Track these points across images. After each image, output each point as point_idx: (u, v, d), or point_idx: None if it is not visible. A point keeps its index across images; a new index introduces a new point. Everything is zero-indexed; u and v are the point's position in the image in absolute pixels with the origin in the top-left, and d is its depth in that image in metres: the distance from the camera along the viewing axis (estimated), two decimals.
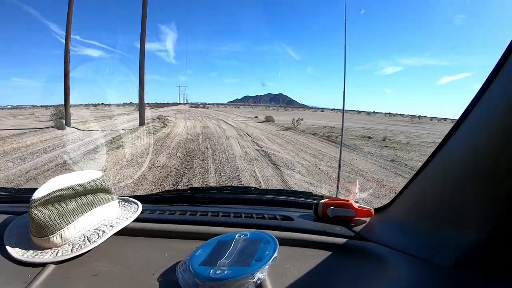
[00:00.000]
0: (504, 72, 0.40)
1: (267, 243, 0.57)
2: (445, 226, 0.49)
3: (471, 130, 0.45)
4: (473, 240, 0.44)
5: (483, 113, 0.43)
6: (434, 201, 0.52)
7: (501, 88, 0.40)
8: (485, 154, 0.42)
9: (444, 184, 0.50)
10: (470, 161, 0.44)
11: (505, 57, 0.40)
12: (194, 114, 29.61)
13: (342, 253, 0.60)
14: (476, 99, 0.44)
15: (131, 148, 7.72)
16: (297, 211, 0.80)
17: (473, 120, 0.45)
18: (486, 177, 0.42)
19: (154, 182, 4.74)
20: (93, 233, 0.66)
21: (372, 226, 0.68)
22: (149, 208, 0.82)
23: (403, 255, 0.53)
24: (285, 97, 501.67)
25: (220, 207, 0.86)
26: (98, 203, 0.71)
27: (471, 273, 0.44)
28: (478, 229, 0.44)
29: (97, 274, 0.56)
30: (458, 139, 0.47)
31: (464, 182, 0.45)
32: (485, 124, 0.42)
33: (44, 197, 0.64)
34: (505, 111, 0.39)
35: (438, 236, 0.49)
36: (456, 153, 0.47)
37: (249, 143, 9.47)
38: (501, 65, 0.40)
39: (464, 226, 0.45)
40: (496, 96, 0.41)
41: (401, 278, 0.48)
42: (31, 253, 0.62)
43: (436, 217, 0.51)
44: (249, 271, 0.49)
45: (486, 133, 0.42)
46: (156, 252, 0.63)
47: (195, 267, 0.52)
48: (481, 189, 0.43)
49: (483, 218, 0.43)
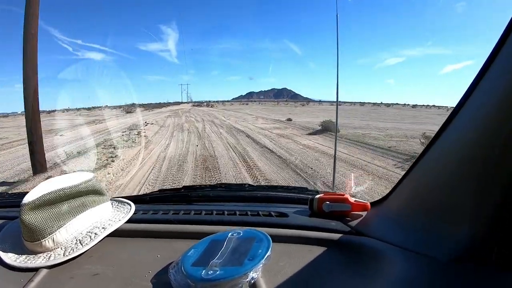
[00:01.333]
0: (494, 67, 0.40)
1: (260, 241, 0.56)
2: (441, 220, 0.48)
3: (465, 124, 0.45)
4: (469, 234, 0.44)
5: (476, 106, 0.43)
6: (430, 195, 0.52)
7: (492, 82, 0.40)
8: (480, 148, 0.41)
9: (440, 177, 0.49)
10: (465, 155, 0.44)
11: (495, 52, 0.39)
12: (194, 117, 21.83)
13: (338, 249, 0.60)
14: (469, 93, 0.43)
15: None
16: (292, 207, 0.80)
17: (467, 114, 0.44)
18: (481, 171, 0.42)
19: None
20: (86, 236, 0.66)
21: (368, 220, 0.67)
22: (142, 209, 0.81)
23: (400, 250, 0.52)
24: (289, 91, 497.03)
25: (214, 205, 0.86)
26: (90, 205, 0.71)
27: (468, 267, 0.43)
28: (474, 223, 0.43)
29: (90, 277, 0.56)
30: (452, 133, 0.47)
31: (459, 175, 0.45)
32: (478, 118, 0.42)
33: (35, 200, 0.63)
34: (497, 104, 0.39)
35: (435, 230, 0.49)
36: (451, 146, 0.47)
37: None
38: (491, 60, 0.40)
39: (460, 220, 0.45)
40: (488, 90, 0.41)
41: (398, 273, 0.47)
42: (24, 258, 0.61)
43: (432, 211, 0.51)
44: (242, 271, 0.48)
45: (479, 126, 0.42)
46: (149, 253, 0.62)
47: (187, 267, 0.51)
48: (477, 183, 0.42)
49: (479, 212, 0.43)
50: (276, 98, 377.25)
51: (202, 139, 9.94)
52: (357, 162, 6.27)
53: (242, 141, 9.43)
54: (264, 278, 0.51)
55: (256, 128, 13.50)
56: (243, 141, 9.32)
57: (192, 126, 14.48)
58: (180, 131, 12.25)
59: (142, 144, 8.77)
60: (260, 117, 22.04)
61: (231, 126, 14.50)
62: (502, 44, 0.39)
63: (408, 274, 0.47)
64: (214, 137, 10.24)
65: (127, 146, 8.40)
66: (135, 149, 7.89)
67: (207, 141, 9.32)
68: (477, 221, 0.43)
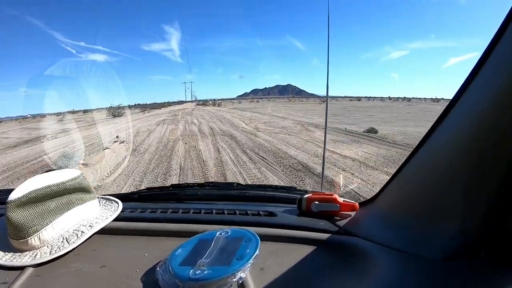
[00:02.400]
0: (489, 64, 0.39)
1: (249, 240, 0.56)
2: (432, 219, 0.48)
3: (456, 121, 0.44)
4: (460, 233, 0.44)
5: (471, 102, 0.42)
6: (420, 194, 0.51)
7: (486, 78, 0.40)
8: (471, 146, 0.41)
9: (430, 176, 0.49)
10: (455, 153, 0.44)
11: (490, 49, 0.39)
12: (197, 123, 14.63)
13: (327, 248, 0.60)
14: (462, 90, 0.43)
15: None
16: (281, 207, 0.80)
17: (458, 111, 0.44)
18: (472, 169, 0.41)
19: None
20: (72, 234, 0.65)
21: (357, 220, 0.67)
22: (130, 207, 0.80)
23: (389, 250, 0.52)
24: (293, 87, 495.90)
25: (203, 203, 0.85)
26: (77, 203, 0.70)
27: (459, 266, 0.43)
28: (465, 222, 0.43)
29: (76, 275, 0.55)
30: (443, 131, 0.47)
31: (450, 174, 0.45)
32: (470, 115, 0.42)
33: (21, 197, 0.62)
34: (490, 101, 0.38)
35: (425, 229, 0.49)
36: (441, 145, 0.47)
37: None
38: (486, 57, 0.40)
39: (451, 219, 0.45)
40: (481, 87, 0.40)
41: (387, 273, 0.47)
42: (10, 256, 0.61)
43: (422, 210, 0.50)
44: (230, 271, 0.48)
45: (471, 124, 0.41)
46: (137, 252, 0.62)
47: (175, 267, 0.51)
48: (467, 182, 0.42)
49: (470, 210, 0.43)
50: (281, 94, 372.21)
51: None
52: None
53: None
54: (252, 277, 0.51)
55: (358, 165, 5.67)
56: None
57: (192, 151, 7.34)
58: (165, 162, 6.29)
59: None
60: (299, 122, 14.15)
61: (280, 153, 6.79)
62: (497, 41, 0.38)
63: (398, 274, 0.47)
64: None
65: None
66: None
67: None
68: (468, 219, 0.43)
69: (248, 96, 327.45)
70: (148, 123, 16.59)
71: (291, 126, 12.83)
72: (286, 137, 9.51)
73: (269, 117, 18.36)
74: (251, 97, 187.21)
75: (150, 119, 19.77)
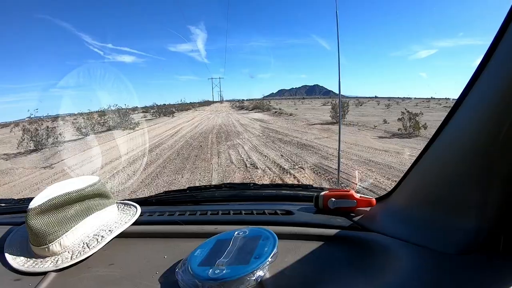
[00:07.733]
0: (493, 61, 0.40)
1: (266, 239, 0.56)
2: (447, 213, 0.48)
3: (468, 115, 0.44)
4: (476, 227, 0.44)
5: (478, 98, 0.42)
6: (435, 188, 0.51)
7: (492, 74, 0.40)
8: (483, 139, 0.41)
9: (445, 170, 0.49)
10: (468, 147, 0.44)
11: (493, 47, 0.39)
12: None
13: (344, 245, 0.59)
14: (473, 80, 0.43)
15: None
16: (298, 205, 0.79)
17: (469, 105, 0.44)
18: (485, 163, 0.41)
19: None
20: (92, 239, 0.66)
21: (374, 216, 0.67)
22: (148, 210, 0.81)
23: (406, 244, 0.52)
24: (321, 88, 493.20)
25: (220, 205, 0.86)
26: (96, 209, 0.71)
27: (476, 260, 0.43)
28: (480, 215, 0.43)
29: (97, 279, 0.56)
30: (456, 125, 0.47)
31: (465, 168, 0.45)
32: (480, 109, 0.42)
33: (41, 205, 0.63)
34: (500, 93, 0.38)
35: (440, 223, 0.49)
36: (455, 138, 0.47)
37: None
38: (491, 52, 0.40)
39: (466, 213, 0.45)
40: (489, 82, 0.41)
41: (404, 267, 0.47)
42: (32, 262, 0.62)
43: (437, 204, 0.50)
44: (248, 269, 0.48)
45: (484, 117, 0.41)
46: (156, 254, 0.62)
47: (194, 267, 0.51)
48: (481, 175, 0.42)
49: (486, 205, 0.42)
50: (308, 95, 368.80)
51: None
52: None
53: None
54: (271, 275, 0.51)
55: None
56: None
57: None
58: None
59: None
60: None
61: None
62: (499, 39, 0.39)
63: (415, 268, 0.46)
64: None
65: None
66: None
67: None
68: (483, 212, 0.43)
69: (274, 96, 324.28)
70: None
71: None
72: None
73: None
74: (278, 98, 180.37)
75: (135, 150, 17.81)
